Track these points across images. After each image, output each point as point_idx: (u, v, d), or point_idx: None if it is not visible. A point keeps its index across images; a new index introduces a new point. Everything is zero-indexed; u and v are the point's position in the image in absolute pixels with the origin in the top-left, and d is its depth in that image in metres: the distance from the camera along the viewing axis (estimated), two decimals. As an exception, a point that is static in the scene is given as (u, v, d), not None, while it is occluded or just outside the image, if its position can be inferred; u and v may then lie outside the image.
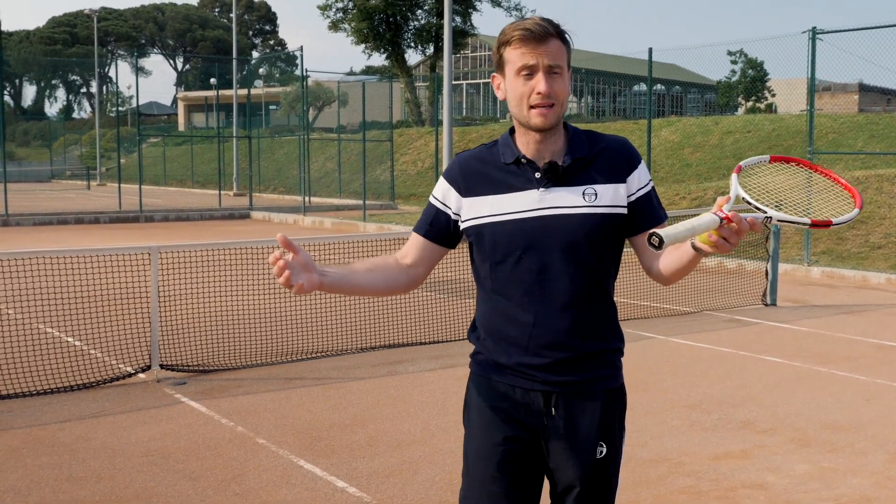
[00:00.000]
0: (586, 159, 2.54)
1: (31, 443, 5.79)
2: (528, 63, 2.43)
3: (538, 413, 2.54)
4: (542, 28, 2.44)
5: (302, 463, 5.44)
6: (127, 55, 77.10)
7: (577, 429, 2.53)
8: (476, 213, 2.55)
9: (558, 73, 2.46)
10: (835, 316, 10.69)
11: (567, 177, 2.52)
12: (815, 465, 5.45)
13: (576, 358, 2.52)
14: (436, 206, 2.64)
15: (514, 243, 2.50)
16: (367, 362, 8.05)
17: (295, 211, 27.73)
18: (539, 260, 2.49)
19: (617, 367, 2.64)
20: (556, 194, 2.50)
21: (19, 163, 58.01)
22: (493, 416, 2.57)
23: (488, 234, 2.53)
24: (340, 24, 50.29)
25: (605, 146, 2.57)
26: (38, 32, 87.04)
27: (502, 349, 2.56)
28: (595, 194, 2.50)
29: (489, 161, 2.59)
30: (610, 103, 67.47)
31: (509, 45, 2.47)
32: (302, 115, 31.32)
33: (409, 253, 2.68)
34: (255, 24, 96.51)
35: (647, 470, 5.35)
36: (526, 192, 2.51)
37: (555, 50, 2.45)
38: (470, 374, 2.70)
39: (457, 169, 2.62)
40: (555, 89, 2.44)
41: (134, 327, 8.65)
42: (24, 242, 18.86)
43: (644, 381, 7.47)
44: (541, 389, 2.53)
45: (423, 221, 2.67)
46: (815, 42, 14.88)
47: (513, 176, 2.53)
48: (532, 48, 2.43)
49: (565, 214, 2.48)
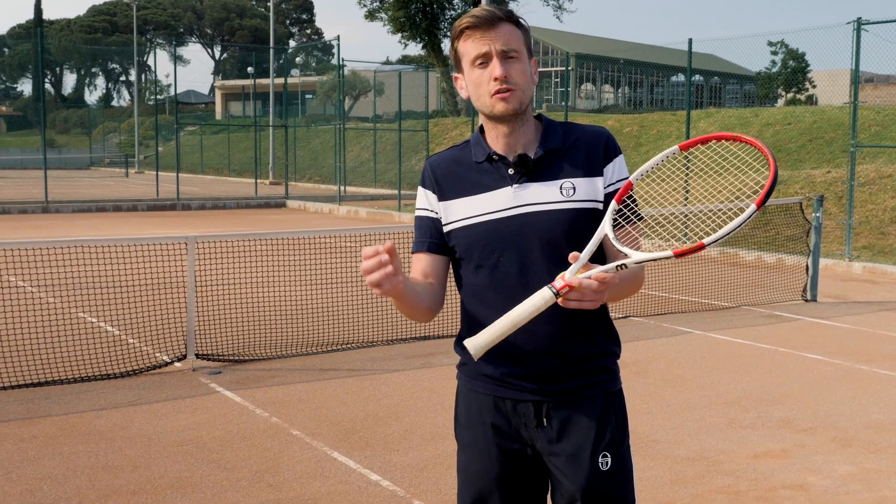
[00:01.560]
0: (560, 151, 2.40)
1: (67, 430, 5.83)
2: (481, 51, 2.32)
3: (529, 425, 2.40)
4: (489, 13, 2.33)
5: (336, 455, 5.43)
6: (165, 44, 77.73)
7: (572, 439, 2.38)
8: (452, 217, 2.42)
9: (515, 57, 2.33)
10: (877, 313, 10.50)
11: (541, 170, 2.38)
12: (857, 465, 5.35)
13: (564, 364, 2.38)
14: (426, 216, 2.49)
15: (491, 246, 2.37)
16: (401, 354, 8.03)
17: (330, 200, 27.81)
18: (518, 261, 2.35)
19: (612, 371, 2.49)
20: (531, 190, 2.36)
21: (59, 150, 58.76)
22: (484, 431, 2.44)
23: (463, 237, 2.40)
24: (377, 13, 50.38)
25: (580, 136, 2.42)
26: (79, 21, 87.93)
27: (487, 359, 2.38)
28: (573, 188, 2.36)
29: (461, 161, 2.46)
30: (648, 94, 66.93)
31: (460, 37, 2.37)
32: (338, 104, 31.36)
33: (422, 273, 2.48)
34: (292, 13, 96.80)
35: (685, 468, 5.27)
36: (499, 190, 2.38)
37: (507, 33, 2.33)
38: (458, 387, 2.57)
39: (429, 173, 2.49)
40: (511, 74, 2.32)
41: (171, 316, 8.70)
42: (63, 229, 19.08)
43: (682, 376, 7.37)
44: (531, 399, 2.40)
45: (419, 238, 2.50)
46: (860, 33, 14.60)
47: (485, 174, 2.40)
48: (482, 34, 2.32)
49: (542, 211, 2.34)
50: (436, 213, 2.46)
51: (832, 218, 16.38)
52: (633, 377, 7.30)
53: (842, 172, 17.92)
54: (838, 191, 17.48)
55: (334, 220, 24.24)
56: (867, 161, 19.14)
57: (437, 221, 2.46)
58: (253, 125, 39.23)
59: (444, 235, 2.45)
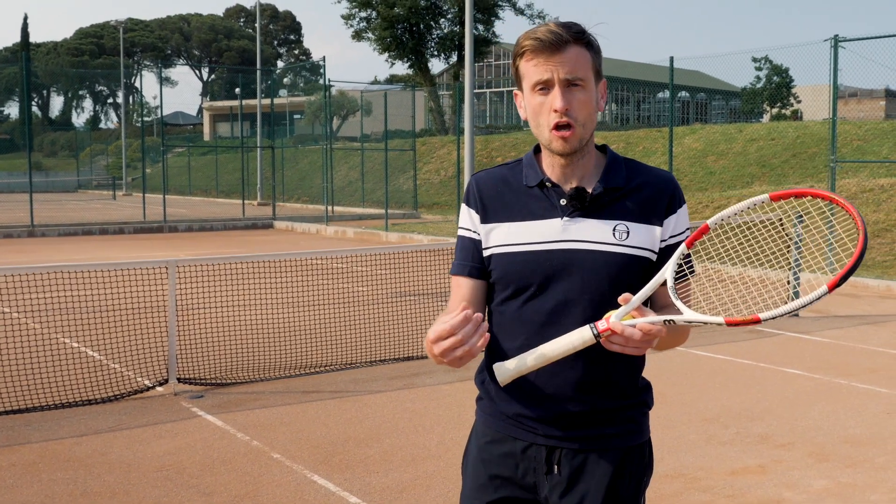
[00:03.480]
0: (622, 190, 2.23)
1: (47, 457, 5.83)
2: (542, 77, 2.13)
3: (538, 471, 2.26)
4: (555, 35, 2.11)
5: (316, 478, 5.44)
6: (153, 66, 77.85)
7: (580, 492, 2.23)
8: (493, 242, 2.26)
9: (580, 85, 2.13)
10: (858, 327, 10.58)
11: (597, 207, 2.20)
12: (834, 480, 5.39)
13: (583, 414, 2.23)
14: (468, 238, 2.32)
15: (528, 277, 2.20)
16: (384, 375, 8.05)
17: (318, 220, 27.83)
18: (553, 298, 2.18)
19: (637, 423, 2.31)
20: (582, 226, 2.19)
21: (46, 173, 58.72)
22: (490, 472, 2.31)
23: (500, 264, 2.24)
24: (364, 33, 50.58)
25: (646, 180, 2.26)
26: (66, 44, 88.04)
27: (504, 396, 2.27)
28: (627, 232, 2.19)
29: (510, 182, 2.29)
30: (634, 111, 67.27)
31: (522, 56, 2.17)
32: (325, 124, 31.44)
33: (463, 301, 2.27)
34: (279, 34, 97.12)
35: (663, 485, 5.30)
36: (548, 220, 2.21)
37: (573, 59, 2.12)
38: (475, 422, 2.44)
39: (475, 190, 2.32)
40: (574, 106, 2.13)
41: (153, 340, 8.70)
42: (48, 253, 19.05)
43: (663, 393, 7.41)
44: (543, 444, 2.25)
45: (461, 260, 2.32)
46: (838, 50, 14.75)
47: (535, 201, 2.23)
48: (545, 59, 2.12)
49: (590, 250, 2.17)
50: (478, 234, 2.29)
51: (815, 232, 16.48)
52: (614, 395, 7.33)
53: (824, 187, 18.04)
54: (821, 205, 17.58)
55: (322, 240, 24.26)
56: (849, 175, 19.29)
57: (479, 244, 2.29)
58: (240, 146, 39.28)
59: (485, 259, 2.29)
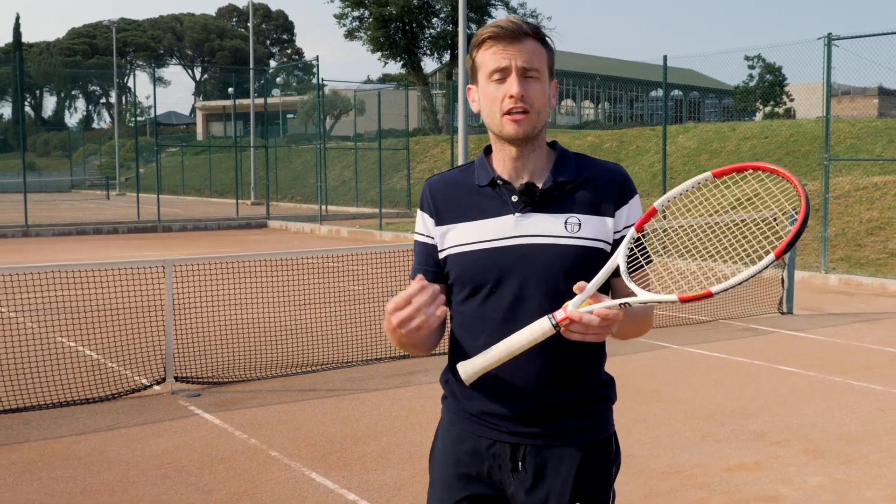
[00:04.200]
0: (572, 183, 2.25)
1: (46, 455, 5.84)
2: (500, 65, 2.17)
3: (503, 468, 2.27)
4: (515, 26, 2.17)
5: (314, 476, 5.47)
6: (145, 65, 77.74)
7: (546, 488, 2.23)
8: (448, 243, 2.28)
9: (535, 77, 2.18)
10: (851, 324, 10.63)
11: (548, 202, 2.23)
12: (829, 477, 5.43)
13: (546, 409, 2.23)
14: (423, 242, 2.35)
15: (484, 275, 2.22)
16: (380, 373, 8.07)
17: (312, 220, 27.84)
18: (510, 294, 2.21)
19: (601, 418, 2.31)
20: (534, 221, 2.22)
21: (40, 173, 58.58)
22: (456, 471, 2.32)
23: (457, 265, 2.26)
24: (356, 32, 50.57)
25: (595, 173, 2.28)
26: (58, 44, 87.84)
27: (468, 394, 2.28)
28: (578, 224, 2.22)
29: (462, 184, 2.31)
30: (627, 109, 67.38)
31: (481, 47, 2.22)
32: (319, 123, 31.46)
33: None
34: (272, 33, 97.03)
35: (659, 482, 5.33)
36: (500, 217, 2.23)
37: (530, 51, 2.18)
38: (440, 421, 2.44)
39: (427, 195, 2.35)
40: (530, 94, 2.17)
41: (150, 339, 8.71)
42: (43, 253, 19.03)
43: (658, 391, 7.45)
44: (507, 441, 2.25)
45: (418, 264, 2.36)
46: (831, 48, 14.81)
47: (487, 200, 2.26)
48: (504, 47, 2.17)
49: (542, 244, 2.20)
50: (432, 238, 2.32)
51: (809, 230, 16.55)
52: (610, 393, 7.37)
53: (818, 185, 18.11)
54: (814, 203, 17.65)
55: (316, 239, 24.27)
56: (843, 173, 19.37)
57: (434, 248, 2.32)
58: (234, 146, 39.26)
59: (441, 262, 2.32)
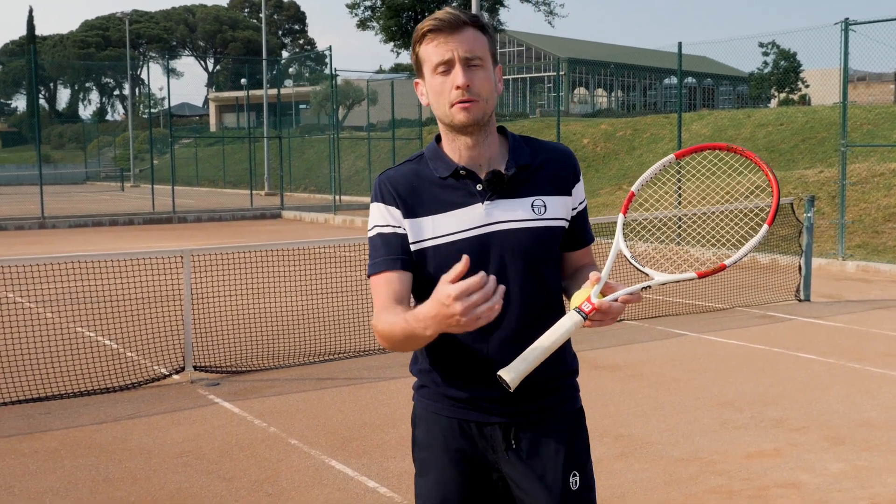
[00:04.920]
0: (531, 168, 2.33)
1: (68, 444, 5.89)
2: (443, 58, 2.21)
3: (497, 448, 2.34)
4: (453, 17, 2.21)
5: (333, 463, 5.49)
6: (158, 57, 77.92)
7: (541, 460, 2.33)
8: (421, 236, 2.28)
9: (478, 65, 2.22)
10: (870, 311, 10.58)
11: (512, 187, 2.30)
12: (850, 463, 5.41)
13: (535, 385, 2.28)
14: (392, 233, 2.30)
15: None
16: (397, 362, 8.09)
17: (325, 210, 27.87)
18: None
19: (575, 389, 2.45)
20: (503, 207, 2.28)
21: (55, 165, 58.79)
22: (448, 456, 2.35)
23: (434, 258, 2.27)
24: (369, 22, 50.58)
25: (550, 156, 2.37)
26: (72, 36, 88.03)
27: (453, 381, 2.33)
28: (544, 206, 2.31)
29: (422, 176, 2.32)
30: (641, 97, 67.11)
31: (422, 41, 2.25)
32: (332, 114, 31.47)
33: (395, 297, 2.26)
34: (284, 23, 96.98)
35: (679, 469, 5.33)
36: (469, 207, 2.27)
37: (471, 40, 2.22)
38: (414, 410, 2.46)
39: (389, 188, 2.32)
40: (475, 83, 2.21)
41: (168, 329, 8.75)
42: (60, 245, 19.13)
43: (676, 378, 7.44)
44: (498, 422, 2.32)
45: (388, 255, 2.29)
46: (848, 33, 14.70)
47: (452, 191, 2.29)
48: (445, 39, 2.21)
49: (514, 229, 2.27)
50: (402, 228, 2.30)
51: (826, 217, 16.47)
52: (628, 380, 7.36)
53: (834, 172, 18.01)
54: (831, 190, 17.57)
55: (330, 229, 24.31)
56: (860, 160, 19.24)
57: (405, 238, 2.29)
58: (247, 136, 39.33)
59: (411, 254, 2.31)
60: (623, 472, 5.31)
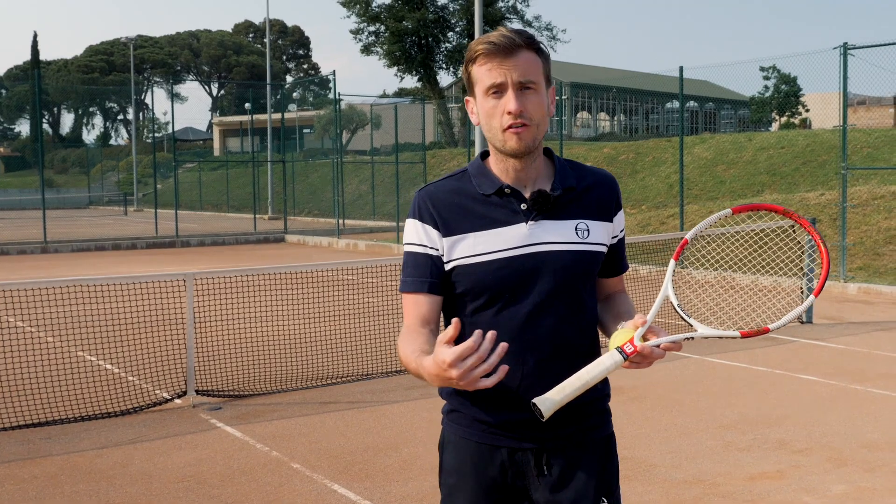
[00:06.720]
0: (575, 191, 2.31)
1: (68, 469, 5.88)
2: (496, 81, 2.17)
3: (528, 474, 2.30)
4: (508, 40, 2.16)
5: (336, 487, 5.48)
6: (163, 82, 78.23)
7: (575, 486, 2.29)
8: (460, 254, 2.24)
9: (532, 88, 2.18)
10: (872, 333, 10.56)
11: (557, 209, 2.27)
12: (852, 485, 5.39)
13: (568, 411, 2.21)
14: (424, 254, 2.28)
15: (503, 285, 2.23)
16: (400, 385, 8.08)
17: (329, 234, 27.91)
18: (530, 302, 2.23)
19: (607, 414, 2.42)
20: (547, 228, 2.25)
21: (58, 189, 58.97)
22: (478, 482, 2.31)
23: (471, 275, 2.24)
24: (373, 47, 50.83)
25: (595, 181, 2.36)
26: (76, 61, 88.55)
27: (486, 405, 2.28)
28: (587, 230, 2.29)
29: (464, 192, 2.28)
30: (643, 121, 67.29)
31: (475, 62, 2.21)
32: (335, 138, 31.58)
33: (420, 320, 2.27)
34: (288, 48, 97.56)
35: (682, 491, 5.32)
36: (513, 226, 2.24)
37: (525, 63, 2.17)
38: (443, 434, 2.41)
39: (428, 205, 2.28)
40: (528, 108, 2.18)
41: (170, 353, 8.75)
42: (62, 269, 19.16)
43: (679, 401, 7.42)
44: (530, 448, 2.28)
45: (417, 276, 2.28)
46: (847, 57, 14.77)
47: (495, 208, 2.25)
48: (499, 63, 2.16)
49: (558, 251, 2.24)
50: (436, 249, 2.27)
51: (827, 240, 16.46)
52: (631, 402, 7.35)
53: (835, 194, 18.04)
54: (832, 213, 17.59)
55: (333, 253, 24.33)
56: (860, 183, 19.28)
57: (438, 259, 2.27)
58: (251, 161, 39.47)
59: (445, 273, 2.28)
60: (626, 494, 5.28)
